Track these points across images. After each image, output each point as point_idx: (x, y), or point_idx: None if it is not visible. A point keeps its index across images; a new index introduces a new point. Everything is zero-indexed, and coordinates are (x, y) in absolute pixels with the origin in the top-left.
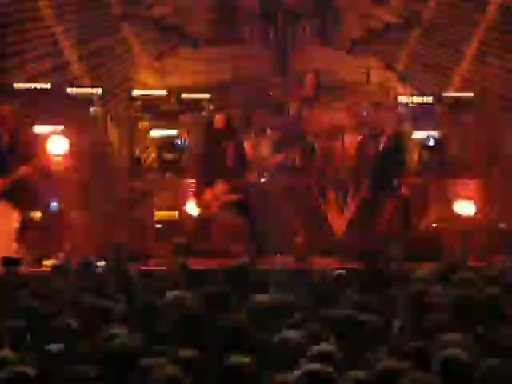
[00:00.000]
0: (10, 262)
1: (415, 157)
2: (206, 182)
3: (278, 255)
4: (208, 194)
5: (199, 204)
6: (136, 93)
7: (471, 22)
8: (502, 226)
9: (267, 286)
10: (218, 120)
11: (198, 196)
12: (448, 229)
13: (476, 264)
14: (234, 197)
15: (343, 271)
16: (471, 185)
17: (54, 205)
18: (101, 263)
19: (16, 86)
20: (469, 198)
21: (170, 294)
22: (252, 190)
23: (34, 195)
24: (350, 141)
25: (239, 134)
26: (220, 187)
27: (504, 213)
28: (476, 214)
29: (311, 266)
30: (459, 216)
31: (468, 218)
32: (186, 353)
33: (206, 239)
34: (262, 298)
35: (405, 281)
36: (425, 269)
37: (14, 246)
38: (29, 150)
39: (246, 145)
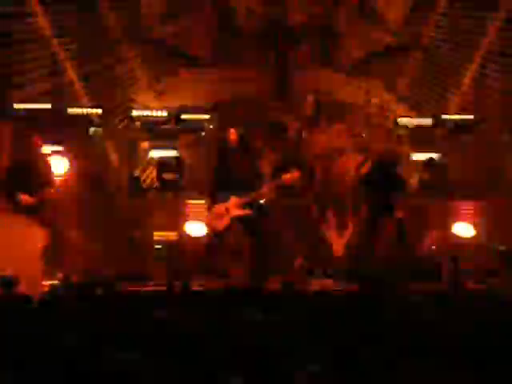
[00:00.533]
0: (7, 283)
1: (415, 178)
2: (216, 197)
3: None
4: (219, 208)
5: (210, 218)
6: (136, 113)
7: (471, 44)
8: (501, 248)
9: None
10: (231, 135)
11: (208, 210)
12: (447, 251)
13: (474, 286)
14: (244, 212)
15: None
16: (471, 207)
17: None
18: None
19: (16, 106)
20: (468, 221)
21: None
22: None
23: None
24: (350, 162)
25: (251, 149)
26: (233, 202)
27: (503, 235)
28: (475, 236)
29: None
30: (458, 238)
31: (467, 240)
32: None
33: (209, 260)
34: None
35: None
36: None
37: (40, 264)
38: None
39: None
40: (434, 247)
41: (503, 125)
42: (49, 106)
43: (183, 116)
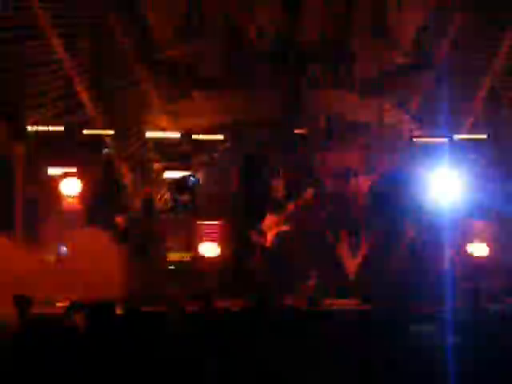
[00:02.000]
0: (22, 301)
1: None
2: (251, 217)
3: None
4: (263, 226)
5: (254, 235)
6: (149, 135)
7: (483, 65)
8: None
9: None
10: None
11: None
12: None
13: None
14: (285, 227)
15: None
16: (483, 226)
17: (63, 249)
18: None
19: (30, 128)
20: (482, 240)
21: None
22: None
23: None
24: (362, 182)
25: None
26: (270, 219)
27: None
28: (489, 255)
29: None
30: (473, 257)
31: (482, 259)
32: None
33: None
34: None
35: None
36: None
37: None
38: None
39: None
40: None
41: None
42: (61, 127)
43: (196, 137)
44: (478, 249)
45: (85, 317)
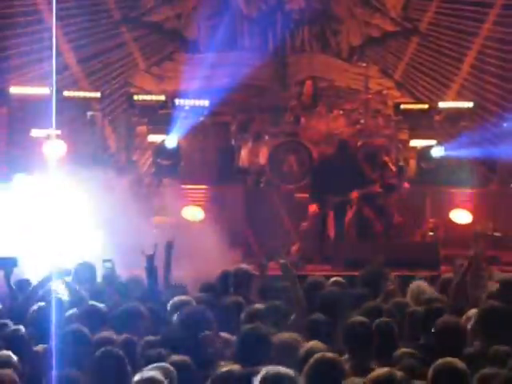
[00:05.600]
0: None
1: (412, 165)
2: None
3: None
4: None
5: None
6: (134, 97)
7: (470, 31)
8: (497, 234)
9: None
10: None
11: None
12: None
13: None
14: None
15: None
16: (468, 194)
17: None
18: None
19: (12, 90)
20: (465, 208)
21: None
22: None
23: None
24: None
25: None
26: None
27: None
28: (472, 222)
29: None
30: (456, 224)
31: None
32: None
33: None
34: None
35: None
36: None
37: None
38: None
39: (242, 151)
40: (431, 233)
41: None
42: (46, 89)
43: (180, 101)
44: (461, 216)
45: None
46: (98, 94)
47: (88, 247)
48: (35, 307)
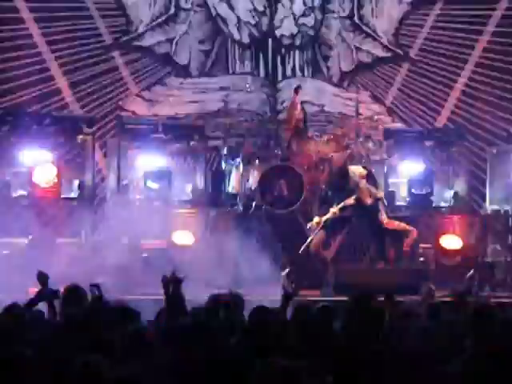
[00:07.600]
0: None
1: (403, 189)
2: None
3: None
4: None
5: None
6: (125, 121)
7: (460, 58)
8: (487, 260)
9: None
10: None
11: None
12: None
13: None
14: None
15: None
16: (458, 219)
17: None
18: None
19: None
20: (455, 233)
21: None
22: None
23: None
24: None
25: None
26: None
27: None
28: (462, 248)
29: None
30: (446, 250)
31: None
32: None
33: None
34: None
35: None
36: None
37: None
38: None
39: (233, 175)
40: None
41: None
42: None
43: (172, 124)
44: (451, 241)
45: None
46: (89, 118)
47: None
48: None
